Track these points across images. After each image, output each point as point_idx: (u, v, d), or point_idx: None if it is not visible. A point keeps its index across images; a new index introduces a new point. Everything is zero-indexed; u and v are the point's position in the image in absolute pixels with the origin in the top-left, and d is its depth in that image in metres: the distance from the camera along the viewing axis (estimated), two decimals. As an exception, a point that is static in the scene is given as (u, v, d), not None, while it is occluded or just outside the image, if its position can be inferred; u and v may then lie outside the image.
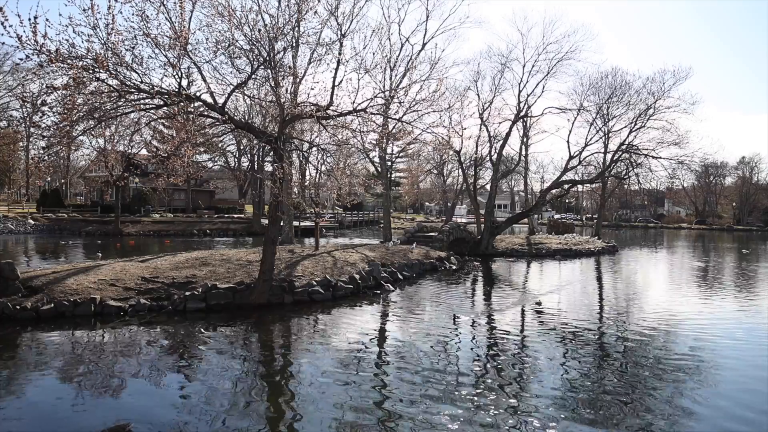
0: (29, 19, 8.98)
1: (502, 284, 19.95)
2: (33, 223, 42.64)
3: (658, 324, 12.89)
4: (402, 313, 13.80)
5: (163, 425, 6.57)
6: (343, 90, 17.19)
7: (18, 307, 11.68)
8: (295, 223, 34.67)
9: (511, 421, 6.83)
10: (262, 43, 12.32)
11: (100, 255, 22.44)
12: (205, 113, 12.68)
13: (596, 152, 37.91)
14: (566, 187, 37.34)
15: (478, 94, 32.30)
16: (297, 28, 13.96)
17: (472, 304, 15.80)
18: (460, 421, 6.78)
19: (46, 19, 9.18)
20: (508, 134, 32.41)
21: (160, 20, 10.79)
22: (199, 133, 13.27)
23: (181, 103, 11.04)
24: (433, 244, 26.39)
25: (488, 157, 34.40)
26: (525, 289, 18.78)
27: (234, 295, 13.57)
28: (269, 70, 12.76)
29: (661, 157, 32.95)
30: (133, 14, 10.39)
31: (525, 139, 40.64)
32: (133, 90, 10.74)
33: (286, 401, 7.63)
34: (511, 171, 45.83)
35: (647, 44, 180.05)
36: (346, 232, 49.13)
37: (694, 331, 12.15)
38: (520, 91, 32.30)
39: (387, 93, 14.72)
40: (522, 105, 32.34)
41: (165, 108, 11.49)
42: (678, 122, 43.66)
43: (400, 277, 18.81)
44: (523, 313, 14.25)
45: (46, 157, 12.85)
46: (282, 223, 22.88)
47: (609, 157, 37.06)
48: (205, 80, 12.37)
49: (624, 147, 34.84)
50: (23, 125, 54.55)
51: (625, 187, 46.45)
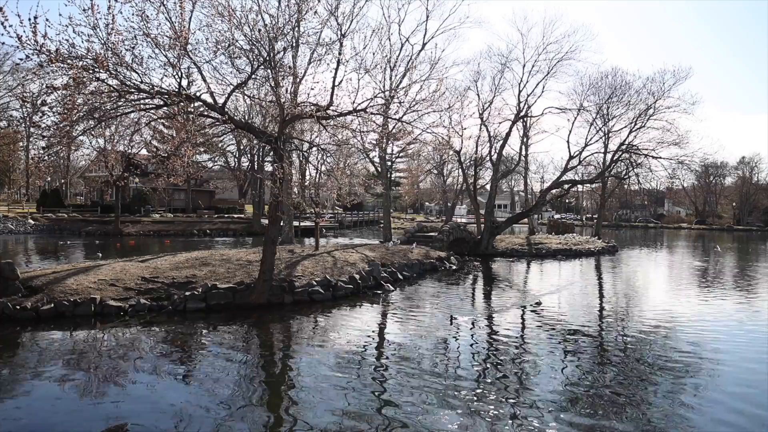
0: (29, 19, 8.99)
1: (502, 284, 19.94)
2: (33, 223, 42.63)
3: (658, 324, 12.89)
4: (402, 313, 13.80)
5: (162, 425, 6.57)
6: (343, 90, 17.19)
7: (18, 307, 11.68)
8: (295, 223, 34.67)
9: (511, 421, 6.83)
10: (262, 43, 12.32)
11: (100, 255, 22.43)
12: (205, 113, 12.68)
13: (596, 152, 38.00)
14: (566, 187, 37.35)
15: (478, 94, 32.39)
16: (297, 28, 13.96)
17: (472, 305, 15.80)
18: (460, 421, 6.78)
19: (46, 19, 9.19)
20: (508, 134, 32.48)
21: (160, 20, 10.82)
22: (199, 133, 13.28)
23: (181, 103, 11.04)
24: (433, 244, 26.39)
25: (488, 157, 34.45)
26: (525, 289, 18.77)
27: (234, 295, 13.58)
28: (269, 70, 12.76)
29: (661, 157, 33.04)
30: (133, 14, 10.42)
31: (525, 139, 40.66)
32: (133, 90, 10.74)
33: (286, 401, 7.63)
34: (511, 171, 45.84)
35: (647, 44, 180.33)
36: (346, 232, 49.14)
37: (693, 331, 12.16)
38: (520, 91, 32.38)
39: (387, 93, 14.71)
40: (522, 105, 32.39)
41: (165, 108, 11.50)
42: (678, 122, 43.76)
43: (400, 277, 18.81)
44: (523, 313, 14.25)
45: (46, 157, 12.84)
46: (282, 223, 22.88)
47: (609, 157, 37.08)
48: (205, 80, 12.38)
49: (624, 147, 34.85)
50: (23, 125, 54.59)
51: (625, 187, 46.47)
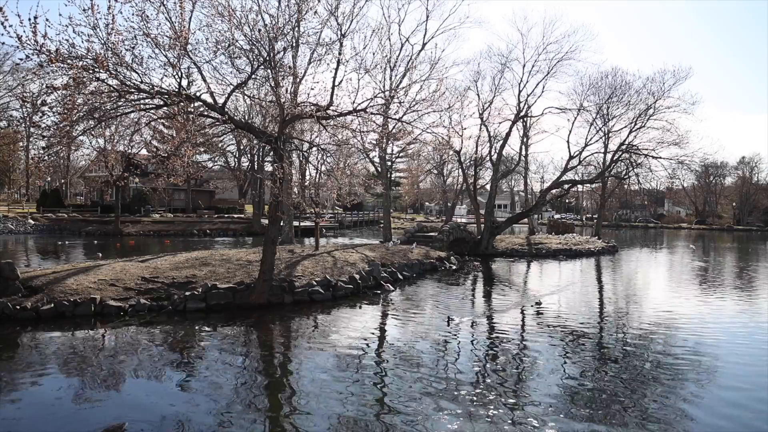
0: (29, 19, 8.99)
1: (502, 284, 19.94)
2: (33, 223, 42.63)
3: (658, 324, 12.89)
4: (402, 314, 13.80)
5: (162, 426, 6.57)
6: (343, 90, 17.21)
7: (18, 307, 11.68)
8: (295, 223, 34.65)
9: (511, 421, 6.83)
10: (262, 43, 12.32)
11: (100, 255, 22.40)
12: (205, 113, 12.68)
13: (596, 152, 38.01)
14: (566, 187, 37.35)
15: (478, 94, 32.37)
16: (297, 28, 13.97)
17: (472, 305, 15.80)
18: (460, 421, 6.78)
19: (46, 19, 9.19)
20: (508, 134, 32.47)
21: (160, 20, 10.81)
22: (199, 133, 13.27)
23: (181, 103, 11.04)
24: (433, 244, 26.39)
25: (488, 157, 34.45)
26: (525, 290, 18.78)
27: (234, 295, 13.58)
28: (269, 70, 12.76)
29: (661, 157, 33.03)
30: (133, 14, 10.41)
31: (525, 139, 40.65)
32: (133, 90, 10.74)
33: (286, 401, 7.63)
34: (511, 171, 45.83)
35: (647, 44, 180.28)
36: (346, 232, 49.14)
37: (693, 331, 12.16)
38: (520, 91, 32.37)
39: (387, 93, 14.70)
40: (522, 105, 32.38)
41: (165, 108, 11.49)
42: (678, 122, 43.68)
43: (400, 277, 18.81)
44: (523, 314, 14.25)
45: (46, 157, 12.83)
46: (282, 223, 22.88)
47: (609, 157, 37.09)
48: (205, 80, 12.38)
49: (624, 147, 34.85)
50: (23, 125, 54.59)
51: (625, 187, 46.47)
